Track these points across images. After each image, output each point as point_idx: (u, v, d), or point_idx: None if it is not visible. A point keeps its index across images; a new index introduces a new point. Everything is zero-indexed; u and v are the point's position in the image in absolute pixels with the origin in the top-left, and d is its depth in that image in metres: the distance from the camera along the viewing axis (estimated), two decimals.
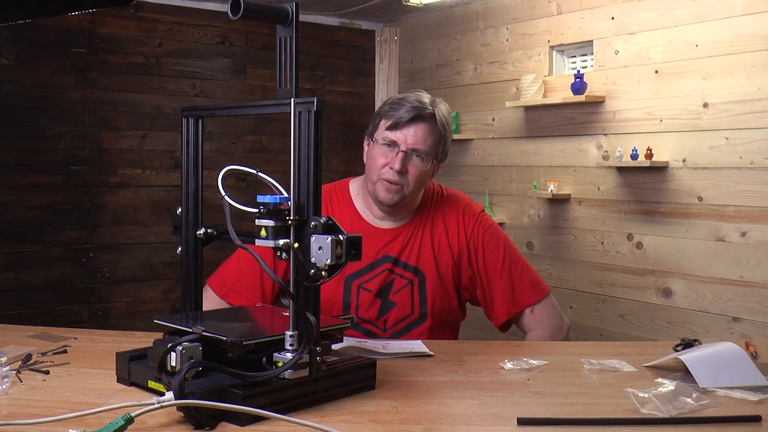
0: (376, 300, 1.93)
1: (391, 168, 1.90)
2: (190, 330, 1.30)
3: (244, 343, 1.23)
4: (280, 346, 1.28)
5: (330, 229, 1.24)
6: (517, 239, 4.15)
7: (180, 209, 1.52)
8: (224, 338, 1.24)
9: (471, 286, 2.02)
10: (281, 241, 1.25)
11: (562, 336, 2.05)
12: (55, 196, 3.99)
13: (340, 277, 1.90)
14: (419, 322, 1.95)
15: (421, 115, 1.90)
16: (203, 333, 1.27)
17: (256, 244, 1.27)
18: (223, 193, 1.30)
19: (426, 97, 1.95)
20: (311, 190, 1.26)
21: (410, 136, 1.90)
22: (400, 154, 1.89)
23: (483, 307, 2.05)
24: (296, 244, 1.25)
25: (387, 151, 1.91)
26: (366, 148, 2.00)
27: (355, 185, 2.06)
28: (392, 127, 1.91)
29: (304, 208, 1.27)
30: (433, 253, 1.98)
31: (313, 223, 1.25)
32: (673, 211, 3.41)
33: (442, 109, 1.96)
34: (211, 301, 1.90)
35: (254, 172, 1.31)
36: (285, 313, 1.50)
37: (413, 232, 1.99)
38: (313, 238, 1.25)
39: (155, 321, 1.41)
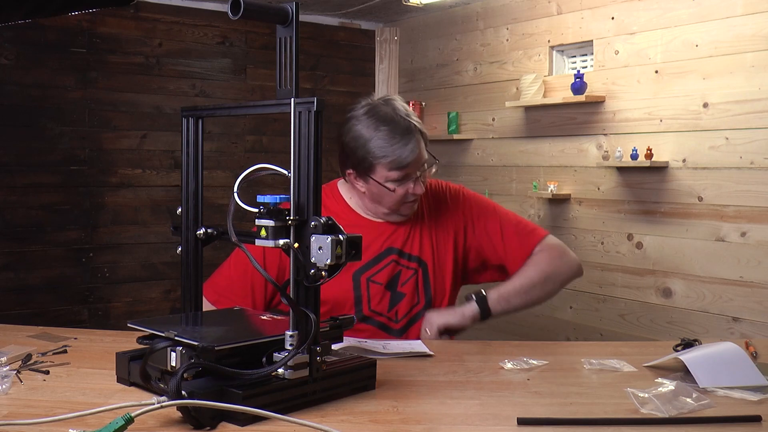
0: (386, 292, 1.95)
1: (413, 194, 1.90)
2: (163, 334, 1.29)
3: (216, 348, 1.22)
4: (265, 350, 1.27)
5: (330, 229, 1.24)
6: None
7: (180, 209, 1.52)
8: (196, 343, 1.23)
9: (478, 256, 2.05)
10: (281, 241, 1.25)
11: (569, 263, 2.05)
12: (55, 196, 3.99)
13: (346, 272, 1.91)
14: (425, 310, 1.98)
15: (412, 137, 1.86)
16: (175, 337, 1.26)
17: (256, 244, 1.27)
18: (236, 190, 1.30)
19: (399, 111, 1.87)
20: (311, 190, 1.26)
21: (417, 161, 1.87)
22: (418, 180, 1.90)
23: (498, 264, 2.06)
24: (296, 244, 1.25)
25: (399, 185, 1.88)
26: (358, 183, 1.94)
27: (344, 187, 2.05)
28: (398, 168, 1.86)
29: (304, 208, 1.27)
30: (431, 242, 2.00)
31: (313, 223, 1.25)
32: (673, 211, 3.41)
33: (404, 109, 1.90)
34: (204, 306, 1.90)
35: (285, 173, 1.30)
36: (264, 317, 1.50)
37: (412, 224, 2.01)
38: (313, 238, 1.25)
39: (128, 325, 1.38)
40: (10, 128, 3.86)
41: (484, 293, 1.92)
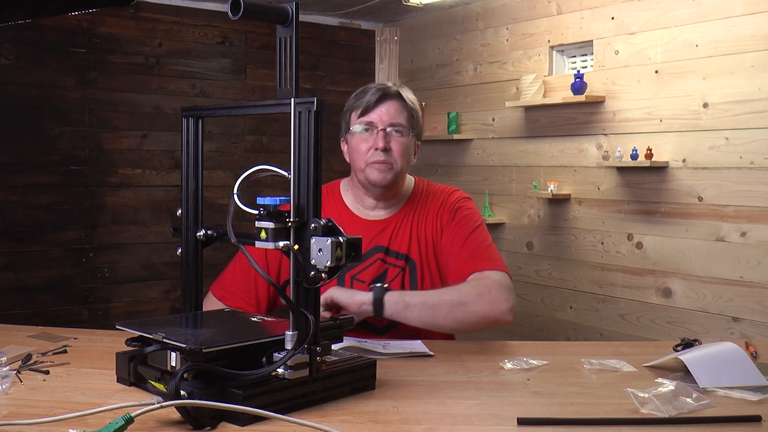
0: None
1: (375, 149, 1.92)
2: (151, 336, 1.29)
3: (203, 350, 1.21)
4: (254, 352, 1.27)
5: (330, 230, 1.24)
6: (517, 239, 4.15)
7: (180, 211, 1.52)
8: (183, 345, 1.22)
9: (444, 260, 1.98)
10: (281, 243, 1.24)
11: (493, 299, 1.79)
12: (55, 196, 3.99)
13: None
14: None
15: (387, 94, 1.95)
16: (163, 339, 1.26)
17: (256, 245, 1.27)
18: (235, 191, 1.30)
19: (389, 82, 2.00)
20: (311, 191, 1.26)
21: (384, 113, 1.93)
22: (380, 132, 1.92)
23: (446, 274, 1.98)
24: (296, 246, 1.25)
25: (367, 136, 1.94)
26: (345, 148, 2.04)
27: (344, 184, 2.09)
28: (364, 113, 1.95)
29: (303, 210, 1.26)
30: (419, 242, 1.99)
31: (313, 225, 1.25)
32: (673, 211, 3.41)
33: (407, 90, 2.01)
34: (212, 304, 1.91)
35: (285, 174, 1.30)
36: (255, 319, 1.50)
37: (402, 221, 2.00)
38: (313, 240, 1.24)
39: (117, 326, 1.38)
40: (10, 128, 3.86)
41: (386, 287, 1.78)
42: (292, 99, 1.27)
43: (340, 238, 1.23)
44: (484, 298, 1.79)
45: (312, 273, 1.25)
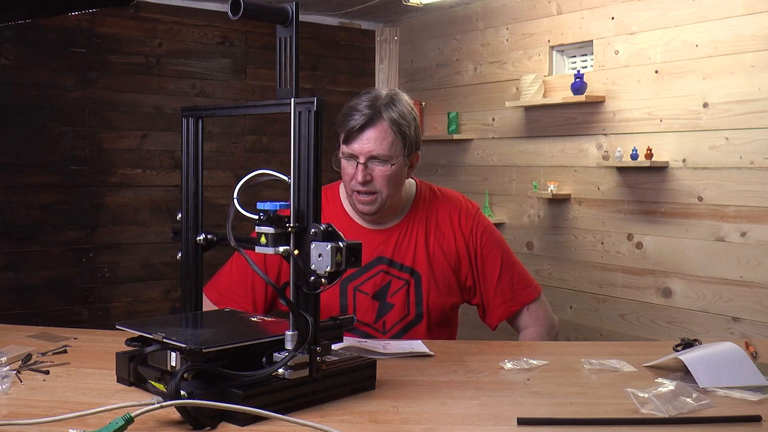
0: (373, 302, 1.93)
1: (357, 181, 1.87)
2: (151, 336, 1.29)
3: (203, 350, 1.21)
4: (254, 352, 1.27)
5: (330, 236, 1.24)
6: (517, 239, 4.15)
7: (180, 214, 1.52)
8: (183, 345, 1.22)
9: (472, 286, 2.02)
10: (281, 248, 1.24)
11: (554, 333, 2.07)
12: (55, 196, 3.99)
13: None
14: (416, 322, 1.95)
15: (370, 120, 1.84)
16: (163, 339, 1.26)
17: (256, 251, 1.27)
18: (235, 195, 1.29)
19: (378, 97, 1.87)
20: (311, 195, 1.26)
21: (364, 144, 1.85)
22: (360, 165, 1.86)
23: (480, 306, 2.04)
24: (296, 251, 1.25)
25: (350, 164, 1.89)
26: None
27: (344, 190, 2.03)
28: (346, 140, 1.87)
29: (303, 215, 1.26)
30: (427, 254, 1.96)
31: (312, 230, 1.25)
32: (673, 211, 3.41)
33: (398, 100, 1.89)
34: (206, 308, 1.90)
35: (285, 178, 1.30)
36: (255, 319, 1.50)
37: (406, 231, 1.97)
38: (312, 245, 1.24)
39: (117, 326, 1.38)
40: (10, 128, 3.86)
41: None
42: (292, 99, 1.27)
43: (340, 243, 1.23)
44: (551, 330, 2.04)
45: (312, 278, 1.25)
